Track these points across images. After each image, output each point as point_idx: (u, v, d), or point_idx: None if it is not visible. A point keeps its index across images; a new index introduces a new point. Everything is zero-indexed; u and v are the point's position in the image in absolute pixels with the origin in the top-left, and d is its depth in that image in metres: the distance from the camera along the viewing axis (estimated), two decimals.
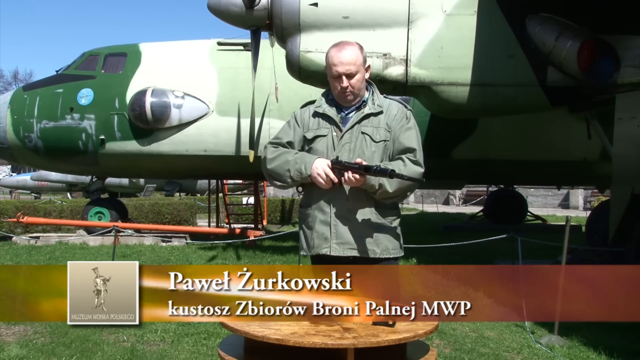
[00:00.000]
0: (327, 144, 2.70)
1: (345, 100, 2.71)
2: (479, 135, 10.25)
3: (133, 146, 10.55)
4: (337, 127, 2.70)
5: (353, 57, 2.64)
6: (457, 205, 28.80)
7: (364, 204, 2.64)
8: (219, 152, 10.57)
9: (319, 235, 2.67)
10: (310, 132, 2.73)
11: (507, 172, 11.31)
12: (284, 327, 1.87)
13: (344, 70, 2.63)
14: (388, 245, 2.69)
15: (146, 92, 10.36)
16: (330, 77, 2.69)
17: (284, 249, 10.32)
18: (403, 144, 2.66)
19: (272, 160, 2.70)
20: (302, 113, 2.82)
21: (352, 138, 2.67)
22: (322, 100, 2.80)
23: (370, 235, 2.65)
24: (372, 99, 2.75)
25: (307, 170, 2.59)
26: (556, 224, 15.02)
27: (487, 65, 6.93)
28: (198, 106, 10.49)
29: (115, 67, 10.86)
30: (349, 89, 2.65)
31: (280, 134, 2.81)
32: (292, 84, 8.68)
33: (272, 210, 17.89)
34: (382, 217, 2.67)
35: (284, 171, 2.66)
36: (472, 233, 11.29)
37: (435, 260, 8.18)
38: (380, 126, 2.68)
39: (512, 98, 7.02)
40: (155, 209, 15.09)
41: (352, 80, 2.65)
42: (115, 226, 7.93)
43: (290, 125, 2.82)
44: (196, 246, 10.53)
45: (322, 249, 2.66)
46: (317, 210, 2.69)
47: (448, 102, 7.06)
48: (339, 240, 2.64)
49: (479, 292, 6.37)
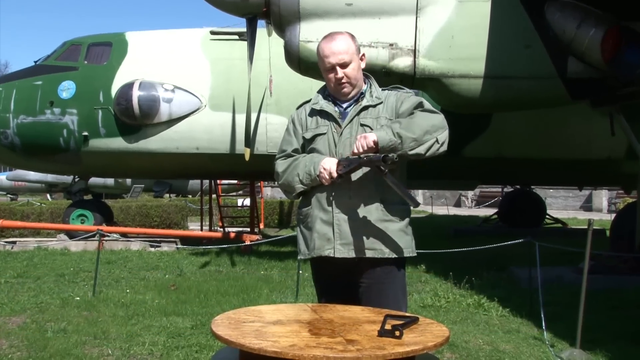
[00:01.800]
0: (327, 141, 2.72)
1: (343, 93, 2.75)
2: (493, 132, 10.25)
3: (119, 143, 10.55)
4: (336, 123, 2.73)
5: (344, 46, 2.69)
6: (470, 207, 28.80)
7: (368, 200, 2.65)
8: (212, 150, 10.58)
9: (321, 236, 2.67)
10: (309, 132, 2.77)
11: (523, 172, 11.30)
12: (282, 339, 1.87)
13: (336, 60, 2.69)
14: (397, 244, 2.67)
15: (133, 85, 10.36)
16: (324, 71, 2.75)
17: (283, 254, 10.32)
18: (406, 108, 2.67)
19: (284, 173, 2.77)
20: (298, 114, 2.87)
21: (352, 132, 2.69)
22: (319, 96, 2.83)
23: (377, 234, 2.64)
24: (370, 91, 2.78)
25: (316, 171, 2.62)
26: (578, 227, 15.01)
27: (502, 56, 6.92)
28: (189, 100, 10.49)
29: (99, 57, 10.87)
30: (344, 79, 2.70)
31: (283, 145, 2.86)
32: (291, 76, 8.67)
33: (270, 212, 17.91)
34: (390, 214, 2.66)
35: (293, 177, 2.71)
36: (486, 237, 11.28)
37: (445, 267, 8.18)
38: (380, 116, 2.70)
39: (529, 91, 7.01)
40: (143, 211, 15.10)
41: (347, 69, 2.70)
42: (99, 230, 7.94)
43: (290, 131, 2.86)
44: (187, 252, 10.54)
45: (324, 250, 2.66)
46: (317, 209, 2.69)
47: (459, 95, 7.05)
48: (343, 240, 2.64)
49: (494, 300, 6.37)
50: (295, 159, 2.75)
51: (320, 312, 2.26)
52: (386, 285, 2.66)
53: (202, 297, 6.79)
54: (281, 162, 2.80)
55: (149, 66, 10.65)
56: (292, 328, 2.02)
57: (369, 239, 2.63)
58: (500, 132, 10.26)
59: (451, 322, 5.63)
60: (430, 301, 6.47)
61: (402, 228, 2.69)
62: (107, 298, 6.69)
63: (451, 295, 6.67)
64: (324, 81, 2.85)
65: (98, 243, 7.86)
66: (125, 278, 8.14)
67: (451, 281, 7.50)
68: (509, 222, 14.69)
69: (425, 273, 8.34)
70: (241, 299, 6.74)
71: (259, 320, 2.13)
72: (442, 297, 6.59)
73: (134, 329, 5.34)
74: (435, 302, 6.42)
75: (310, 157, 2.69)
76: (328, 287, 2.76)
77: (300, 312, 2.28)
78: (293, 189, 2.73)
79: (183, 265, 9.15)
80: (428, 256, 7.16)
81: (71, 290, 7.18)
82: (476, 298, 6.51)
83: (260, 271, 8.83)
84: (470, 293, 6.82)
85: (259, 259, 9.80)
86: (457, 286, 7.26)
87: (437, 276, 8.06)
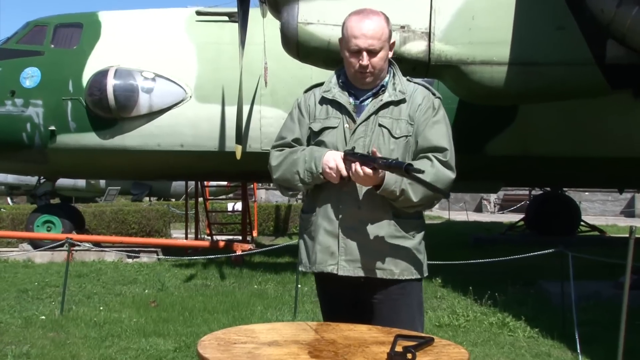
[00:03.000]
0: (337, 137, 2.67)
1: (363, 83, 2.69)
2: (520, 126, 10.24)
3: (91, 139, 10.56)
4: (349, 117, 2.68)
5: (378, 29, 2.60)
6: (492, 212, 28.77)
7: (380, 213, 2.62)
8: (198, 147, 10.58)
9: (324, 249, 2.66)
10: (317, 123, 2.72)
11: (554, 172, 11.28)
12: None
13: (366, 45, 2.59)
14: (409, 264, 2.65)
15: (108, 72, 10.37)
16: (346, 52, 2.66)
17: (279, 266, 10.31)
18: (430, 141, 2.64)
19: (279, 167, 2.71)
20: (306, 99, 2.81)
21: (368, 131, 2.65)
22: (332, 82, 2.77)
23: (387, 251, 2.62)
24: (393, 82, 2.71)
25: (318, 168, 2.58)
26: (617, 236, 14.98)
27: (530, 39, 6.91)
28: (172, 90, 10.50)
29: (68, 40, 10.87)
30: (369, 68, 2.63)
31: (283, 132, 2.80)
32: (288, 63, 8.67)
33: (264, 218, 17.90)
34: (403, 230, 2.64)
35: (292, 175, 2.66)
36: (511, 247, 11.27)
37: (464, 281, 8.17)
38: (401, 118, 2.66)
39: (561, 80, 7.00)
40: (119, 217, 15.10)
41: (375, 58, 2.62)
42: (68, 239, 7.93)
43: (294, 117, 2.80)
44: (170, 263, 10.53)
45: (327, 266, 2.65)
46: (322, 217, 2.67)
47: (481, 85, 7.05)
48: (348, 256, 2.63)
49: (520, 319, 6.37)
50: (292, 152, 2.70)
51: (321, 332, 2.26)
52: (400, 301, 2.66)
53: (187, 315, 6.78)
54: (277, 154, 2.74)
55: (125, 51, 10.66)
56: (290, 350, 2.02)
57: (377, 257, 2.62)
58: (528, 127, 10.25)
59: (471, 344, 5.63)
60: (447, 320, 6.46)
61: (416, 246, 2.68)
62: (77, 317, 6.68)
63: (471, 313, 6.65)
64: (326, 69, 2.84)
65: (67, 253, 7.85)
66: (98, 294, 8.13)
67: (471, 297, 7.49)
68: (538, 230, 14.67)
69: (442, 287, 8.33)
70: (231, 316, 6.73)
71: (251, 341, 2.13)
72: (461, 315, 6.58)
73: (109, 352, 5.34)
74: (453, 321, 6.41)
75: (310, 152, 2.65)
76: (333, 304, 2.77)
77: (298, 332, 2.27)
78: (292, 187, 2.71)
79: (165, 278, 9.14)
80: (445, 268, 7.15)
81: (35, 308, 7.17)
82: (500, 316, 6.50)
83: (254, 285, 8.83)
84: (493, 311, 6.81)
85: (252, 271, 9.79)
86: (478, 303, 7.25)
87: (455, 291, 8.05)
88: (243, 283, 9.00)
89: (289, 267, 9.88)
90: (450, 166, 2.64)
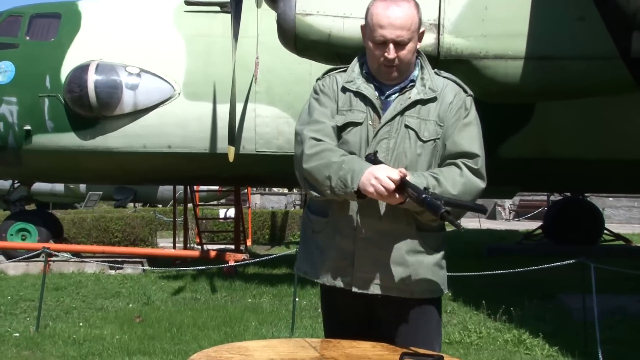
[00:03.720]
0: (360, 136, 2.58)
1: (387, 78, 2.60)
2: (537, 126, 10.24)
3: (70, 140, 10.55)
4: (375, 112, 2.59)
5: (408, 18, 2.52)
6: (507, 219, 28.76)
7: (402, 225, 2.55)
8: (187, 149, 10.58)
9: (336, 260, 2.60)
10: (341, 116, 2.61)
11: (575, 176, 11.29)
12: None
13: (393, 35, 2.50)
14: (430, 282, 2.61)
15: (88, 67, 10.37)
16: (370, 43, 2.57)
17: (275, 278, 10.31)
18: (459, 146, 2.58)
19: (311, 159, 2.53)
20: (331, 84, 2.67)
21: (392, 133, 2.56)
22: (355, 72, 2.66)
23: (407, 268, 2.57)
24: (422, 77, 2.64)
25: (353, 183, 2.41)
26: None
27: (548, 31, 6.92)
28: (159, 87, 10.51)
29: (45, 32, 10.87)
30: (395, 62, 2.54)
31: (316, 114, 2.63)
32: (285, 58, 8.67)
33: (259, 226, 17.89)
34: (426, 245, 2.59)
35: (323, 178, 2.49)
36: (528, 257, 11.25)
37: (477, 294, 8.16)
38: (429, 118, 2.58)
39: (583, 75, 7.00)
40: (101, 224, 15.08)
41: (403, 51, 2.53)
42: (45, 248, 7.92)
43: (322, 101, 2.65)
44: (156, 275, 10.53)
45: (338, 280, 2.61)
46: (336, 225, 2.60)
47: (494, 81, 7.05)
48: (363, 272, 2.57)
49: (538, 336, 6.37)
50: (330, 150, 2.52)
51: (322, 350, 2.26)
52: (418, 322, 2.62)
53: (175, 332, 6.77)
54: (312, 143, 2.55)
55: (108, 44, 10.66)
56: None
57: (396, 274, 2.56)
58: (546, 126, 10.25)
59: None
60: (458, 336, 6.45)
61: (439, 262, 2.64)
62: (54, 334, 6.67)
63: (484, 330, 6.65)
64: (326, 64, 2.82)
65: (44, 264, 7.84)
66: (77, 308, 8.12)
67: (484, 312, 7.49)
68: (557, 239, 14.66)
69: (452, 301, 8.32)
70: (223, 333, 6.73)
71: (245, 359, 2.12)
72: (473, 332, 6.57)
73: None
74: (464, 338, 6.41)
75: (350, 160, 2.47)
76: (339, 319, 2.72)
77: (296, 350, 2.27)
78: (320, 192, 2.53)
79: (151, 291, 9.13)
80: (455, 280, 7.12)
81: (8, 324, 7.15)
82: (516, 333, 6.49)
83: (248, 299, 8.82)
84: (509, 327, 6.80)
85: (246, 283, 9.79)
86: (492, 318, 7.24)
87: (467, 305, 8.04)
88: (236, 296, 8.99)
89: (286, 279, 9.87)
90: (481, 174, 2.59)
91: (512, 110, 9.81)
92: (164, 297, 8.86)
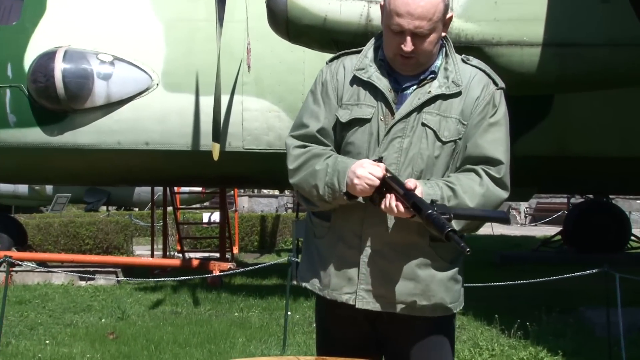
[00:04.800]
0: (369, 135, 2.55)
1: (404, 69, 2.56)
2: (556, 121, 10.27)
3: (36, 136, 10.52)
4: (387, 107, 2.54)
5: (430, 7, 2.44)
6: (523, 224, 28.82)
7: (414, 235, 2.52)
8: (167, 146, 10.56)
9: (339, 272, 2.59)
10: (345, 111, 2.57)
11: (598, 175, 11.31)
12: None
13: (411, 26, 2.43)
14: (444, 298, 2.59)
15: (55, 54, 10.34)
16: (387, 29, 2.51)
17: (265, 289, 10.31)
18: (482, 150, 2.54)
19: (297, 172, 2.57)
20: (334, 72, 2.64)
21: (407, 131, 2.52)
22: (369, 57, 2.61)
23: (418, 283, 2.55)
24: (446, 67, 2.59)
25: (341, 185, 2.45)
26: None
27: (569, 15, 6.93)
28: (135, 77, 10.49)
29: (5, 15, 10.83)
30: (413, 54, 2.48)
31: (305, 117, 2.64)
32: (276, 45, 8.68)
33: (247, 232, 17.89)
34: (440, 257, 2.57)
35: (310, 188, 2.53)
36: (545, 266, 11.28)
37: (489, 307, 8.17)
38: (451, 116, 2.53)
39: (606, 63, 7.01)
40: (70, 230, 15.06)
41: (422, 44, 2.47)
42: (7, 257, 7.90)
43: (318, 98, 2.64)
44: (132, 286, 10.51)
45: (342, 294, 2.59)
46: (340, 233, 2.59)
47: (509, 70, 7.04)
48: (369, 286, 2.56)
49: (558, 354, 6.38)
50: (316, 157, 2.54)
51: None
52: (430, 342, 2.61)
53: (153, 350, 6.76)
54: (296, 153, 2.58)
55: (77, 28, 10.62)
56: None
57: (406, 290, 2.54)
58: (566, 121, 10.27)
59: None
60: (468, 354, 6.46)
61: (454, 276, 2.62)
62: (17, 352, 6.64)
63: (497, 347, 6.65)
64: (321, 52, 2.80)
65: (5, 275, 7.82)
66: (43, 324, 8.10)
67: (497, 327, 7.49)
68: (578, 246, 14.70)
69: (462, 315, 8.31)
70: (207, 350, 6.72)
71: None
72: (485, 349, 6.58)
73: None
74: (475, 356, 6.41)
75: (334, 162, 2.50)
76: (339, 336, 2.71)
77: None
78: (312, 203, 2.58)
79: (126, 305, 9.11)
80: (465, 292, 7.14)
81: None
82: (532, 351, 6.50)
83: (234, 312, 8.82)
84: (524, 344, 6.80)
85: (232, 295, 9.78)
86: (506, 334, 7.25)
87: (478, 319, 8.05)
88: (221, 310, 8.98)
89: (277, 290, 9.86)
90: (504, 184, 2.57)
91: (529, 103, 9.81)
92: (140, 311, 8.85)
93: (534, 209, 29.11)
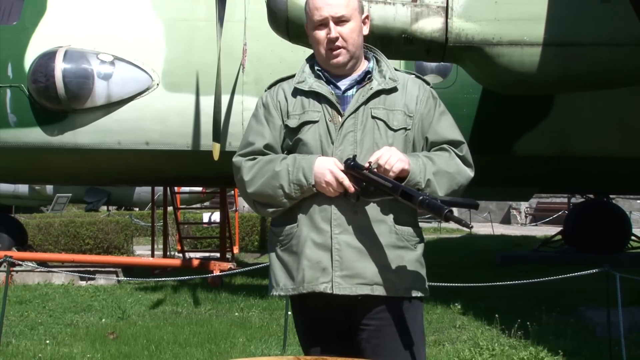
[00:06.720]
0: (319, 133, 2.74)
1: (336, 63, 2.77)
2: (556, 120, 10.25)
3: (36, 136, 10.52)
4: (333, 108, 2.75)
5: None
6: (523, 224, 28.82)
7: (380, 218, 2.69)
8: (167, 146, 10.56)
9: (314, 264, 2.69)
10: (293, 119, 2.78)
11: (598, 176, 11.30)
12: None
13: (331, 12, 2.71)
14: (414, 279, 2.74)
15: (56, 54, 10.34)
16: (312, 32, 2.77)
17: (265, 289, 10.20)
18: (442, 135, 2.79)
19: (253, 181, 2.75)
20: (273, 96, 2.88)
21: (358, 124, 2.73)
22: (305, 72, 2.85)
23: (388, 264, 2.69)
24: (379, 69, 2.82)
25: (309, 179, 2.64)
26: None
27: (570, 15, 6.92)
28: (136, 76, 10.48)
29: (6, 15, 10.83)
30: (339, 41, 2.72)
31: (250, 136, 2.85)
32: (277, 45, 8.66)
33: (247, 232, 17.89)
34: (404, 238, 2.73)
35: (274, 189, 2.70)
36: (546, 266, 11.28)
37: (489, 307, 8.17)
38: (396, 108, 2.76)
39: (608, 63, 7.01)
40: (71, 230, 15.06)
41: (344, 28, 2.72)
42: (7, 257, 7.89)
43: (260, 118, 2.86)
44: (133, 286, 10.51)
45: (318, 284, 2.69)
46: (308, 227, 2.71)
47: (509, 70, 7.05)
48: (345, 271, 2.67)
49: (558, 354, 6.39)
50: (269, 161, 2.74)
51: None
52: (402, 327, 2.71)
53: (153, 349, 6.76)
54: (248, 165, 2.78)
55: (78, 28, 10.62)
56: None
57: (378, 270, 2.68)
58: (566, 121, 10.26)
59: None
60: (468, 354, 6.45)
61: (419, 258, 2.78)
62: (17, 352, 6.64)
63: (497, 347, 6.64)
64: None
65: (6, 275, 7.82)
66: (44, 324, 8.10)
67: (497, 327, 7.49)
68: (579, 245, 14.69)
69: (462, 315, 8.33)
70: (207, 350, 6.72)
71: None
72: (485, 349, 6.57)
73: None
74: (475, 356, 6.41)
75: (294, 160, 2.69)
76: (319, 334, 2.79)
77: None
78: (275, 204, 2.74)
79: (126, 304, 9.11)
80: (465, 291, 7.16)
81: None
82: (532, 351, 6.50)
83: (234, 312, 8.82)
84: (524, 344, 6.80)
85: (233, 295, 9.79)
86: (506, 334, 7.25)
87: (478, 319, 8.04)
88: (222, 310, 8.99)
89: None
90: (469, 162, 2.80)
91: (529, 103, 9.82)
92: (141, 311, 8.85)
93: (535, 208, 29.10)
